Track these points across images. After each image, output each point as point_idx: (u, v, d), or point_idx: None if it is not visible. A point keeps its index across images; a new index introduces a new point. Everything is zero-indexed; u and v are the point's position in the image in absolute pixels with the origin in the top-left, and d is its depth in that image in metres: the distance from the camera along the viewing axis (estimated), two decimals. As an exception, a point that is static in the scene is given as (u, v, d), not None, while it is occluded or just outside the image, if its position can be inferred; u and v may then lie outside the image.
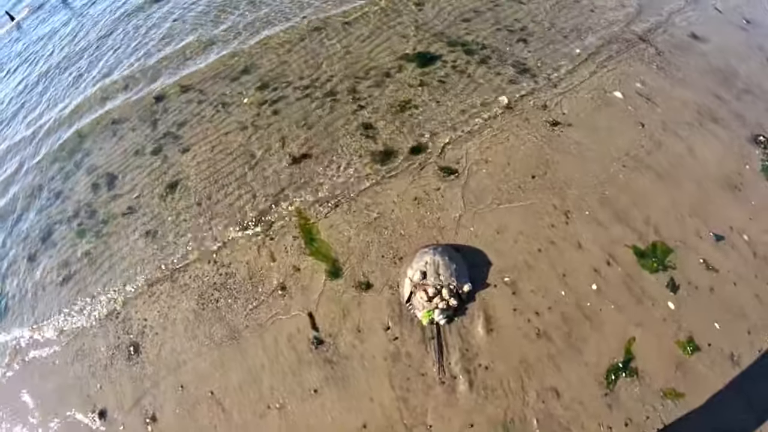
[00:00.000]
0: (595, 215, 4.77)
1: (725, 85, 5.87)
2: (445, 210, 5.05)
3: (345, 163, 5.71)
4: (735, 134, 5.34)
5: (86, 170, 6.85)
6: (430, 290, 4.32)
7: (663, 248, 4.49)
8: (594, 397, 3.83)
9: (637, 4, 7.15)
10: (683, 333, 4.06)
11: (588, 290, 4.32)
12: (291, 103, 6.65)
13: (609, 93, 5.87)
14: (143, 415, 4.40)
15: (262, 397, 4.23)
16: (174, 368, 4.58)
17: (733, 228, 4.59)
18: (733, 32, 6.67)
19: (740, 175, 4.98)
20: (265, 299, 4.78)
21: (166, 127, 6.93)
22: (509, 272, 4.50)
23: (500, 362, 4.06)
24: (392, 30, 7.43)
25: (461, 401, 3.94)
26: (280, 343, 4.47)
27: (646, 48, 6.43)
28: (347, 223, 5.15)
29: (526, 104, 5.91)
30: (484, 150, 5.51)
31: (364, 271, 4.73)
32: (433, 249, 4.62)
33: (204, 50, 8.20)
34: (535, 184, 5.09)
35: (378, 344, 4.28)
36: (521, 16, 7.23)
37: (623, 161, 5.16)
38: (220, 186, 5.90)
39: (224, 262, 5.18)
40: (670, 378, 3.87)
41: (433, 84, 6.40)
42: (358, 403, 4.05)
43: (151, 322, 4.95)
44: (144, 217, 5.89)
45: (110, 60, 9.07)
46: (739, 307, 4.16)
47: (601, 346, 4.04)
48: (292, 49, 7.55)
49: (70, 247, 5.97)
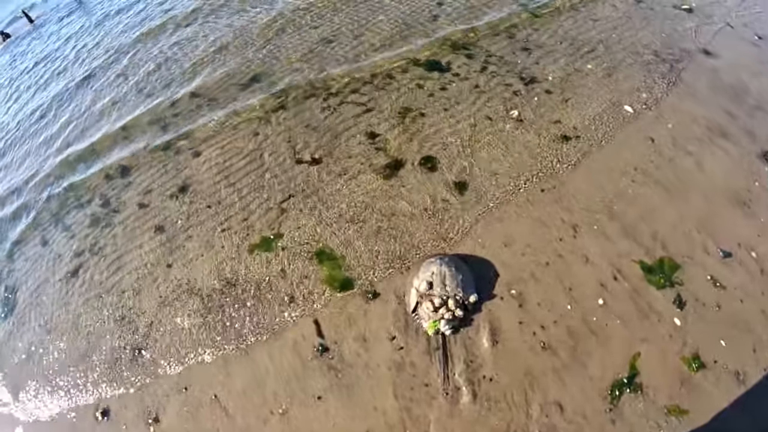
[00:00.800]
0: (603, 229, 4.77)
1: (736, 101, 5.85)
2: (453, 221, 5.06)
3: (355, 171, 5.73)
4: (745, 150, 5.32)
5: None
6: (436, 300, 4.32)
7: (670, 264, 4.49)
8: (597, 412, 3.82)
9: (650, 20, 7.14)
10: (689, 349, 4.04)
11: (594, 305, 4.32)
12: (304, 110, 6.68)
13: (619, 107, 5.87)
14: (146, 416, 4.42)
15: (266, 402, 4.24)
16: (178, 371, 4.60)
17: (741, 244, 4.58)
18: (745, 48, 6.64)
19: (749, 192, 4.96)
20: (272, 305, 4.79)
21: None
22: (516, 284, 4.50)
23: (505, 374, 4.06)
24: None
25: (464, 412, 3.93)
26: (285, 349, 4.48)
27: (657, 63, 6.42)
28: (355, 232, 5.16)
29: (537, 117, 5.92)
30: (493, 162, 5.52)
31: (371, 280, 4.75)
32: (439, 259, 4.62)
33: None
34: (544, 198, 5.09)
35: (383, 353, 4.29)
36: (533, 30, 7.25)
37: (632, 176, 5.16)
38: (231, 191, 5.91)
39: (231, 267, 5.19)
40: (674, 394, 3.86)
41: (442, 93, 6.41)
42: (362, 411, 4.05)
43: (157, 323, 4.96)
44: (154, 218, 5.91)
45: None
46: (746, 323, 4.15)
47: (606, 361, 4.04)
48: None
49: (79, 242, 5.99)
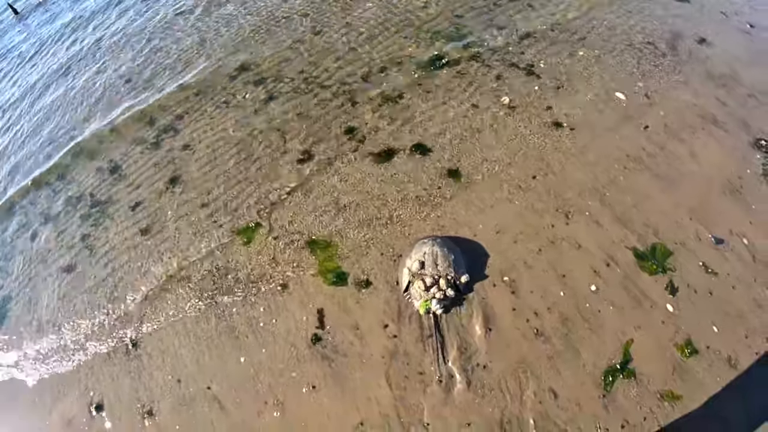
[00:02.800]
0: (595, 216, 4.76)
1: (729, 89, 5.85)
2: (446, 209, 5.04)
3: (346, 159, 5.70)
4: (737, 138, 5.32)
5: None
6: (427, 280, 4.32)
7: (663, 250, 4.49)
8: (591, 398, 3.83)
9: (643, 8, 7.12)
10: (681, 335, 4.05)
11: (587, 291, 4.31)
12: (291, 98, 6.63)
13: (611, 94, 5.86)
14: (140, 409, 4.39)
15: (259, 393, 4.22)
16: (171, 363, 4.57)
17: (733, 231, 4.59)
18: (738, 37, 6.65)
19: (741, 179, 4.97)
20: (264, 295, 4.77)
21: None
22: (508, 272, 4.50)
23: (498, 362, 4.05)
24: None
25: (458, 400, 3.93)
26: (278, 339, 4.45)
27: (650, 51, 6.41)
28: (346, 221, 5.13)
29: (529, 104, 5.90)
30: (485, 149, 5.50)
31: (364, 268, 4.72)
32: (432, 240, 4.62)
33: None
34: (536, 184, 5.08)
35: (376, 342, 4.27)
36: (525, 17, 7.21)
37: (624, 163, 5.15)
38: (221, 182, 5.87)
39: (224, 257, 5.16)
40: (667, 380, 3.86)
41: (430, 83, 6.38)
42: (356, 400, 4.04)
43: (149, 316, 4.93)
44: (145, 211, 5.86)
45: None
46: (738, 310, 4.16)
47: (600, 348, 4.04)
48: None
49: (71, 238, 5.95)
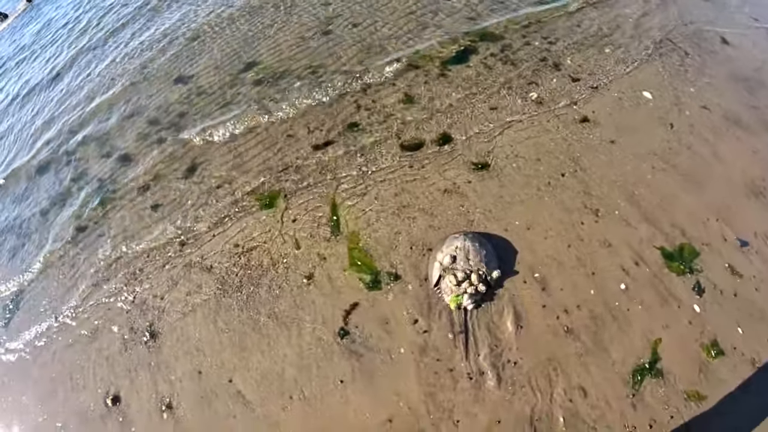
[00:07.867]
0: (624, 215, 4.73)
1: (754, 90, 5.85)
2: (475, 203, 4.96)
3: (374, 152, 5.56)
4: (761, 140, 5.34)
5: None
6: (459, 274, 4.26)
7: (690, 251, 4.49)
8: (620, 397, 3.83)
9: (668, 6, 7.05)
10: (707, 336, 4.07)
11: (616, 289, 4.30)
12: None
13: (638, 92, 5.81)
14: (159, 402, 4.27)
15: (284, 387, 4.13)
16: (192, 355, 4.44)
17: (758, 234, 4.61)
18: (764, 37, 6.64)
19: (764, 181, 4.99)
20: (290, 287, 4.65)
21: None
22: (539, 268, 4.45)
23: (528, 359, 4.03)
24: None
25: (489, 397, 3.90)
26: (304, 333, 4.35)
27: (675, 50, 6.36)
28: (375, 213, 5.02)
29: (557, 100, 5.81)
30: (515, 145, 5.41)
31: (393, 262, 4.63)
32: (463, 235, 4.57)
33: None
34: (565, 182, 5.03)
35: (405, 337, 4.20)
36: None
37: (651, 162, 5.12)
38: (244, 170, 5.70)
39: (249, 247, 5.01)
40: (694, 380, 3.89)
41: (461, 77, 6.24)
42: (384, 396, 3.98)
43: (170, 306, 4.78)
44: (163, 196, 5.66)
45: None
46: (761, 312, 4.20)
47: (628, 347, 4.04)
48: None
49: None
